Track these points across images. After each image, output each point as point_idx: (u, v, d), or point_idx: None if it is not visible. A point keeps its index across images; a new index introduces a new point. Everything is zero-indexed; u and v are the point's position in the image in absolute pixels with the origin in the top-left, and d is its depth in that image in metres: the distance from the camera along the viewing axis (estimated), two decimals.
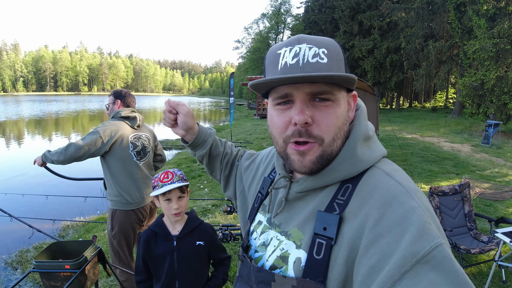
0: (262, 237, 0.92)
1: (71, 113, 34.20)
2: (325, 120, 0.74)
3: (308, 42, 0.75)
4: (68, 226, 5.49)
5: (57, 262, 2.00)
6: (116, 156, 2.77)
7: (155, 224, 1.86)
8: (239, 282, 0.96)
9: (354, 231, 0.68)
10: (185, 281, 1.79)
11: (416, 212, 0.63)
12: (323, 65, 0.73)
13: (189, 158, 10.58)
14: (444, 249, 0.58)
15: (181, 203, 1.79)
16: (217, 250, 1.93)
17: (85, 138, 2.67)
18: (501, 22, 14.45)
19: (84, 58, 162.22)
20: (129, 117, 2.92)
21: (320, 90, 0.73)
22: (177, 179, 1.76)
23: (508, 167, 9.36)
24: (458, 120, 21.04)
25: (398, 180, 0.72)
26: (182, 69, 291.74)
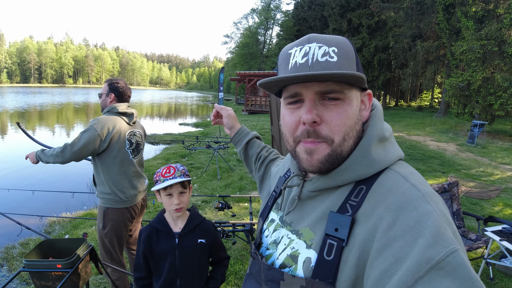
0: (274, 235, 0.92)
1: (56, 106, 33.42)
2: (335, 119, 0.73)
3: (318, 41, 0.75)
4: (55, 222, 5.35)
5: (49, 261, 1.93)
6: (112, 154, 2.63)
7: (156, 220, 1.82)
8: (249, 279, 0.96)
9: (366, 234, 0.67)
10: (186, 279, 1.77)
11: (431, 216, 0.61)
12: (333, 63, 0.72)
13: (177, 153, 10.48)
14: (459, 255, 0.56)
15: (182, 198, 1.75)
16: (218, 248, 1.91)
17: (81, 137, 2.50)
18: (489, 24, 14.68)
19: (69, 50, 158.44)
20: (126, 113, 2.77)
21: (329, 89, 0.73)
22: (179, 174, 1.73)
23: (493, 167, 9.56)
24: (444, 120, 21.39)
25: (414, 183, 0.70)
26: (170, 62, 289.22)
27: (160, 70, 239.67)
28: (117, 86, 2.77)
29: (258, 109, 25.43)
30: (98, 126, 2.53)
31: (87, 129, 2.53)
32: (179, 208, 1.74)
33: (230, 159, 9.55)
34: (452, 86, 16.37)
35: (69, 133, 16.31)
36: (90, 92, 74.82)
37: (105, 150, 2.60)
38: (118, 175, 2.65)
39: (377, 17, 29.18)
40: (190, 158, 9.85)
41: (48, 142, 2.81)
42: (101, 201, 2.69)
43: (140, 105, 42.29)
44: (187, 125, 21.43)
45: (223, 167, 8.49)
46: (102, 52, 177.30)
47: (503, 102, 14.02)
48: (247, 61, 53.40)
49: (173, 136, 14.55)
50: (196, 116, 29.35)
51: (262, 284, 0.87)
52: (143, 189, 2.91)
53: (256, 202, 6.00)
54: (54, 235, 4.82)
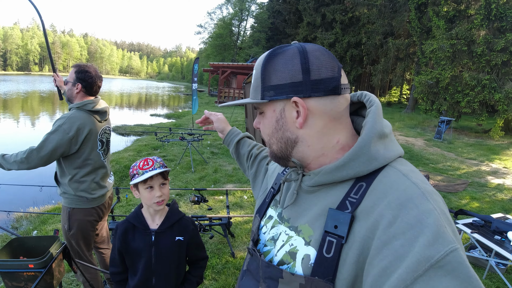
0: (272, 232, 0.92)
1: (21, 94, 31.77)
2: (261, 128, 0.91)
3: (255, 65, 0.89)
4: (22, 217, 5.06)
5: (20, 261, 1.77)
6: (82, 157, 2.36)
7: (133, 216, 1.72)
8: (246, 276, 0.95)
9: (366, 231, 0.67)
10: (162, 278, 1.69)
11: (432, 215, 0.61)
12: (250, 86, 0.89)
13: (149, 145, 10.21)
14: (459, 254, 0.56)
15: (164, 190, 1.66)
16: (196, 247, 1.82)
17: (48, 140, 2.20)
18: (459, 24, 15.15)
19: (36, 36, 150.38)
20: (99, 111, 2.46)
21: (255, 106, 0.91)
22: (158, 165, 1.63)
23: (459, 161, 9.94)
24: (412, 115, 22.06)
25: (415, 181, 0.69)
26: (140, 51, 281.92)
27: (131, 59, 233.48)
28: (85, 76, 2.38)
29: (232, 101, 25.25)
30: (68, 127, 2.23)
31: (55, 130, 2.22)
32: (161, 200, 1.64)
33: (204, 151, 9.41)
34: (421, 83, 16.85)
35: (35, 123, 15.56)
36: None
37: (74, 152, 2.32)
38: (86, 177, 2.41)
39: (351, 13, 29.61)
40: (162, 150, 9.62)
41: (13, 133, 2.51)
42: (65, 201, 2.43)
43: (110, 95, 40.92)
44: (159, 116, 20.97)
45: (197, 160, 8.34)
46: (70, 39, 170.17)
47: (469, 99, 14.57)
48: (221, 52, 52.99)
49: (144, 127, 14.17)
50: (168, 107, 28.72)
51: (260, 281, 0.86)
52: (110, 186, 2.71)
53: (231, 195, 5.94)
54: (22, 231, 4.55)
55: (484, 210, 5.84)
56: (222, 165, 8.01)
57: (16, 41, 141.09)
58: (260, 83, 0.83)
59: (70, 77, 2.41)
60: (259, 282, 0.87)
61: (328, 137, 0.81)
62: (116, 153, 9.23)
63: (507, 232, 3.43)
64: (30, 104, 24.91)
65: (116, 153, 9.23)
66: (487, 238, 3.43)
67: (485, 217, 3.82)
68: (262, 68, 0.83)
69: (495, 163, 10.10)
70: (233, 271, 3.51)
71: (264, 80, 0.83)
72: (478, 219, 3.83)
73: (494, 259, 3.52)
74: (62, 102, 2.45)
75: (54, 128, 2.23)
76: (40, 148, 2.19)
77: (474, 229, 3.65)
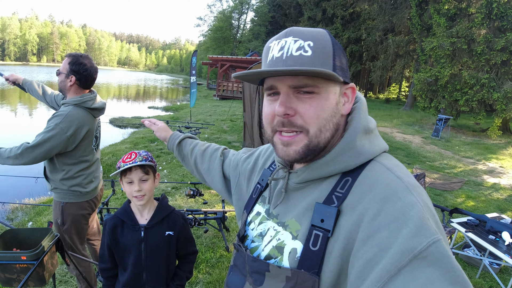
0: (260, 228, 0.92)
1: None
2: (308, 112, 0.75)
3: (295, 35, 0.75)
4: (17, 209, 5.05)
5: (12, 253, 1.76)
6: (77, 154, 2.30)
7: (121, 211, 1.69)
8: (233, 271, 0.96)
9: (352, 224, 0.68)
10: (153, 273, 1.67)
11: (415, 207, 0.63)
12: (306, 58, 0.73)
13: (146, 137, 10.17)
14: (441, 245, 0.58)
15: (143, 185, 1.62)
16: (185, 241, 1.79)
17: (45, 139, 2.11)
18: (460, 22, 15.09)
19: (34, 26, 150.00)
20: (98, 108, 2.38)
21: (301, 84, 0.74)
22: (140, 159, 1.59)
23: (456, 160, 9.96)
24: (410, 113, 22.06)
25: (398, 175, 0.71)
26: (139, 43, 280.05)
27: (129, 51, 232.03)
28: (80, 68, 2.22)
29: (230, 94, 25.13)
30: (65, 126, 2.14)
31: (52, 128, 2.13)
32: (139, 195, 1.60)
33: None
34: (420, 81, 16.83)
35: (32, 114, 15.44)
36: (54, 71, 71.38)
37: (69, 150, 2.26)
38: (80, 172, 2.36)
39: (352, 8, 29.52)
40: (159, 143, 9.58)
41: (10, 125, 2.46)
42: (57, 196, 2.36)
43: (107, 87, 40.71)
44: (157, 108, 20.92)
45: None
46: (69, 30, 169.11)
47: (468, 98, 14.56)
48: (220, 45, 52.72)
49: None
50: (166, 100, 28.64)
51: (246, 275, 0.88)
52: (100, 178, 2.67)
53: None
54: (17, 222, 4.55)
55: (480, 209, 5.85)
56: None
57: (14, 31, 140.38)
58: (332, 59, 0.76)
59: (63, 67, 2.25)
60: (246, 277, 0.88)
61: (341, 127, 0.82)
62: (113, 145, 9.19)
63: (501, 232, 3.43)
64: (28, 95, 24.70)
65: (113, 145, 9.19)
66: (482, 237, 3.43)
67: (480, 216, 3.83)
68: (333, 44, 0.77)
69: (492, 162, 10.12)
70: (227, 265, 3.50)
71: (335, 57, 0.77)
72: (473, 218, 3.84)
73: (488, 259, 3.52)
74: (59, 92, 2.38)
75: (52, 127, 2.14)
76: (35, 146, 2.11)
77: (468, 228, 3.66)
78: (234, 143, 9.95)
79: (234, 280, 0.93)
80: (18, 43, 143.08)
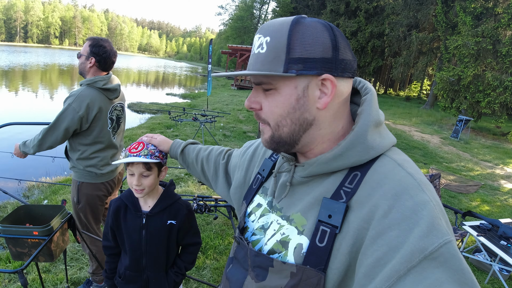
0: (262, 220, 0.90)
1: (41, 67, 32.12)
2: (266, 107, 0.77)
3: (261, 31, 0.76)
4: (34, 187, 5.20)
5: (25, 228, 1.82)
6: (92, 135, 2.38)
7: (127, 195, 1.69)
8: (233, 264, 0.94)
9: (361, 221, 0.66)
10: (152, 259, 1.69)
11: (427, 206, 0.61)
12: (261, 55, 0.74)
13: (163, 123, 10.30)
14: (452, 246, 0.57)
15: (144, 181, 1.56)
16: (187, 232, 1.76)
17: (60, 119, 2.22)
18: (486, 22, 14.67)
19: (57, 9, 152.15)
20: (110, 89, 2.42)
21: (257, 81, 0.76)
22: (144, 153, 1.49)
23: (474, 162, 9.75)
24: (430, 112, 21.63)
25: (410, 171, 0.69)
26: (160, 30, 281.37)
27: (150, 37, 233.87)
28: (100, 50, 2.33)
29: (248, 85, 25.09)
30: (77, 105, 2.24)
31: (65, 109, 2.23)
32: (139, 189, 1.57)
33: (216, 133, 9.44)
34: (443, 80, 16.46)
35: (53, 96, 15.78)
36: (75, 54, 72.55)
37: (84, 130, 2.35)
38: (95, 154, 2.44)
39: (376, 2, 28.85)
40: (175, 129, 9.69)
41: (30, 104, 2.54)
42: (75, 175, 2.48)
43: (127, 72, 41.17)
44: (174, 95, 21.04)
45: (209, 141, 8.38)
46: (91, 14, 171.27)
47: (490, 100, 14.21)
48: (240, 35, 52.41)
49: (159, 106, 14.26)
50: (184, 87, 28.77)
51: (248, 270, 0.86)
52: None
53: None
54: (33, 199, 4.69)
55: (494, 214, 5.75)
56: (233, 148, 8.03)
57: (37, 13, 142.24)
58: (285, 53, 0.71)
59: (84, 50, 2.36)
60: (248, 271, 0.86)
61: (337, 122, 0.79)
62: (130, 130, 9.34)
63: None
64: (49, 76, 25.26)
65: (130, 130, 9.34)
66: (493, 242, 3.39)
67: (493, 221, 3.77)
68: (289, 36, 0.71)
69: (510, 167, 9.88)
70: None
71: (289, 51, 0.71)
72: (486, 223, 3.78)
73: (498, 265, 3.47)
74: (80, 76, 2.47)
75: (64, 108, 2.25)
76: (53, 128, 2.24)
77: (480, 232, 3.61)
78: (249, 133, 9.99)
79: (235, 273, 0.92)
80: (41, 26, 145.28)
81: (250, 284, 0.84)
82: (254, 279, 0.83)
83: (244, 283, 0.87)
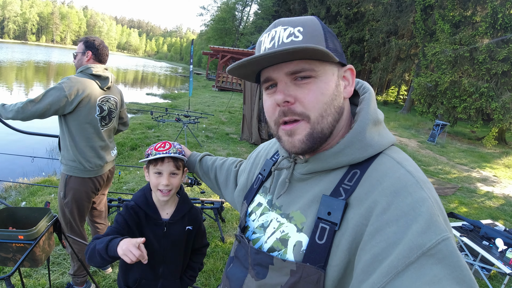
0: (262, 219, 0.91)
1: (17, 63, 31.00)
2: (307, 97, 0.72)
3: (283, 24, 0.74)
4: (11, 187, 4.99)
5: (9, 232, 1.71)
6: (79, 119, 2.40)
7: (143, 202, 1.57)
8: (233, 263, 0.95)
9: (360, 218, 0.67)
10: (171, 267, 1.64)
11: (426, 203, 0.61)
12: (298, 42, 0.72)
13: (144, 124, 10.09)
14: (450, 243, 0.57)
15: (173, 180, 1.51)
16: (201, 235, 1.77)
17: (46, 95, 2.27)
18: (464, 29, 15.13)
19: (35, 5, 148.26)
20: (101, 76, 2.51)
21: (298, 68, 0.72)
22: (174, 151, 1.48)
23: (451, 166, 10.03)
24: (407, 116, 22.16)
25: (409, 169, 0.69)
26: (140, 29, 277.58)
27: (129, 36, 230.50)
28: (94, 43, 2.50)
29: (229, 86, 25.03)
30: (67, 85, 2.30)
31: (55, 87, 2.30)
32: (167, 190, 1.51)
33: (199, 134, 9.35)
34: (420, 85, 16.89)
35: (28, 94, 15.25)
36: (52, 52, 70.48)
37: (71, 113, 2.36)
38: (83, 141, 2.44)
39: (356, 8, 29.36)
40: (157, 130, 9.53)
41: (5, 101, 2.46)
42: (64, 168, 2.49)
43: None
44: (155, 95, 20.71)
45: (192, 142, 8.29)
46: (70, 11, 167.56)
47: (466, 106, 14.66)
48: (222, 36, 52.35)
49: (139, 106, 14.00)
50: (164, 87, 28.37)
51: (249, 268, 0.87)
52: (111, 159, 2.69)
53: None
54: (10, 201, 4.50)
55: (472, 216, 5.91)
56: (216, 150, 7.97)
57: (14, 8, 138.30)
58: (324, 41, 0.74)
59: (79, 48, 2.52)
60: (248, 269, 0.87)
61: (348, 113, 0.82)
62: None
63: (495, 239, 3.47)
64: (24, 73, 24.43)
65: None
66: (476, 242, 3.47)
67: (475, 222, 3.87)
68: (322, 27, 0.76)
69: (486, 170, 10.22)
70: (222, 256, 3.52)
71: (326, 39, 0.75)
72: (468, 224, 3.88)
73: (479, 264, 3.56)
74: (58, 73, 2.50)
75: (54, 85, 2.31)
76: (37, 100, 2.27)
77: (463, 233, 3.69)
78: (231, 134, 9.93)
79: (235, 272, 0.92)
80: (18, 21, 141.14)
81: (251, 282, 0.85)
82: (254, 277, 0.83)
83: (244, 282, 0.87)
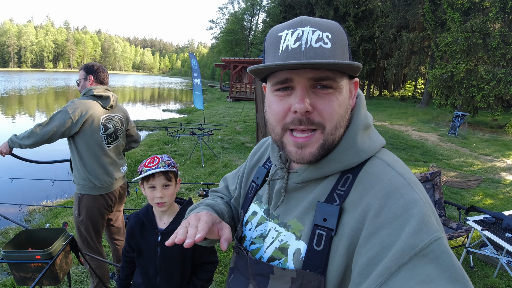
0: (259, 229, 0.90)
1: (37, 90, 32.20)
2: (327, 108, 0.71)
3: (311, 25, 0.71)
4: (35, 211, 5.20)
5: (27, 253, 1.83)
6: (85, 138, 2.54)
7: (144, 212, 1.72)
8: (234, 274, 0.95)
9: (355, 222, 0.68)
10: (166, 277, 1.67)
11: (417, 204, 0.62)
12: (327, 50, 0.69)
13: (161, 140, 10.30)
14: (443, 243, 0.58)
15: (166, 191, 1.63)
16: (203, 250, 1.70)
17: (53, 118, 2.42)
18: (474, 16, 14.79)
19: (50, 33, 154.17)
20: (102, 96, 2.66)
21: (323, 76, 0.69)
22: (162, 165, 1.60)
23: (474, 157, 9.75)
24: (426, 110, 21.69)
25: (400, 171, 0.71)
26: (153, 47, 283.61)
27: (143, 55, 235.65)
28: (94, 68, 2.69)
29: (243, 96, 25.24)
30: (71, 108, 2.45)
31: (60, 110, 2.46)
32: (161, 202, 1.61)
33: (215, 146, 9.44)
34: (436, 77, 16.56)
35: None
36: (71, 77, 72.78)
37: (77, 133, 2.51)
38: (91, 160, 2.57)
39: (364, 6, 29.12)
40: (173, 145, 9.70)
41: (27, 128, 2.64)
42: (76, 187, 2.61)
43: (123, 90, 41.44)
44: (171, 111, 21.15)
45: (207, 154, 8.37)
46: (84, 36, 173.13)
47: (485, 94, 14.26)
48: (232, 47, 52.96)
49: (156, 123, 14.30)
50: (180, 102, 28.95)
51: (249, 278, 0.86)
52: (121, 176, 2.80)
53: None
54: (35, 224, 4.68)
55: (498, 207, 5.72)
56: (232, 160, 8.02)
57: (30, 38, 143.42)
58: (348, 52, 0.74)
59: (80, 75, 2.69)
60: (249, 280, 0.87)
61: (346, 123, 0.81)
62: None
63: None
64: (45, 100, 25.30)
65: None
66: (498, 235, 3.36)
67: (497, 214, 3.75)
68: (347, 36, 0.75)
69: (510, 159, 9.88)
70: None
71: (349, 51, 0.76)
72: (489, 216, 3.76)
73: (506, 257, 3.45)
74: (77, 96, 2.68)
75: (61, 109, 2.46)
76: (44, 123, 2.42)
77: (485, 226, 3.58)
78: (247, 143, 9.98)
79: (236, 283, 0.92)
80: (34, 50, 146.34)
81: None
82: (256, 287, 0.83)
83: None
